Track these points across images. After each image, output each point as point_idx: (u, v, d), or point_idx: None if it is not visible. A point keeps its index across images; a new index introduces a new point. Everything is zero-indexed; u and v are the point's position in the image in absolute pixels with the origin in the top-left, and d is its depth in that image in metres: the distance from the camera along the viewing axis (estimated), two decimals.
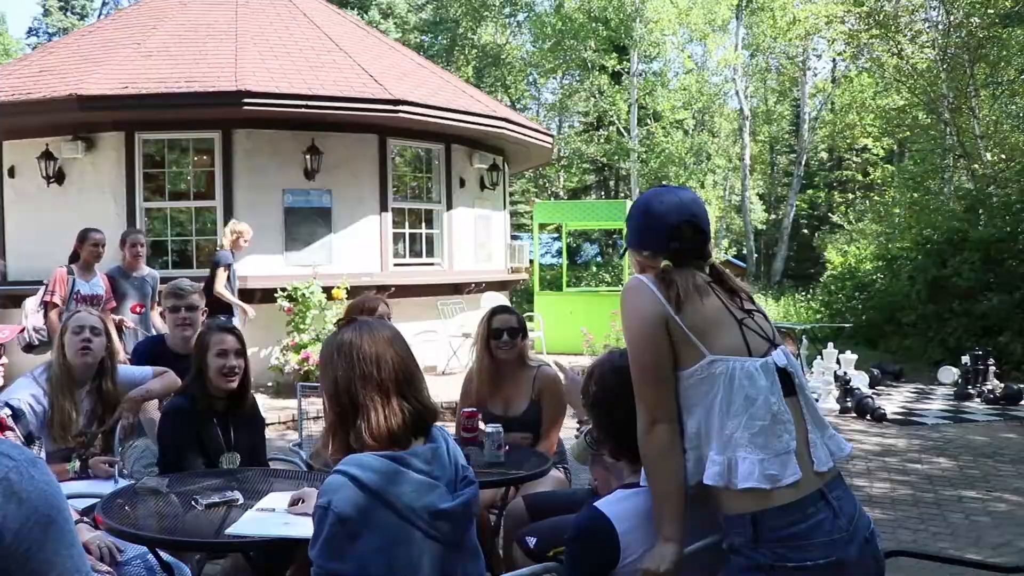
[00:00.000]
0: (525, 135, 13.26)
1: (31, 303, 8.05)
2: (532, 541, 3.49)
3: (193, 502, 3.10)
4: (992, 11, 15.25)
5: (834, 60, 30.67)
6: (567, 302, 13.48)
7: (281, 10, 13.17)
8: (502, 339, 4.53)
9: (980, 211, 14.88)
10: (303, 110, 10.59)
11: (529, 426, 4.48)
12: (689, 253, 2.54)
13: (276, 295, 10.41)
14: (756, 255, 33.36)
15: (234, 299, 9.05)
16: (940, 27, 16.91)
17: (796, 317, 20.08)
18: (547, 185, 37.40)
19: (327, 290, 10.50)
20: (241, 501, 3.10)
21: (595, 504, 2.53)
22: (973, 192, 16.18)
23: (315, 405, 8.81)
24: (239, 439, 3.97)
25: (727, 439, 2.33)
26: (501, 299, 13.25)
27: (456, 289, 12.51)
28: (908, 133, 21.02)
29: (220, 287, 8.90)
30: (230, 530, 2.80)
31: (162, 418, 3.98)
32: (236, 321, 9.23)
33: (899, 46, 17.08)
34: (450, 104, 11.89)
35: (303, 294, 10.38)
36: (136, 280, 8.34)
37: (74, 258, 8.03)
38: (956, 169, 19.82)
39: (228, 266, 9.01)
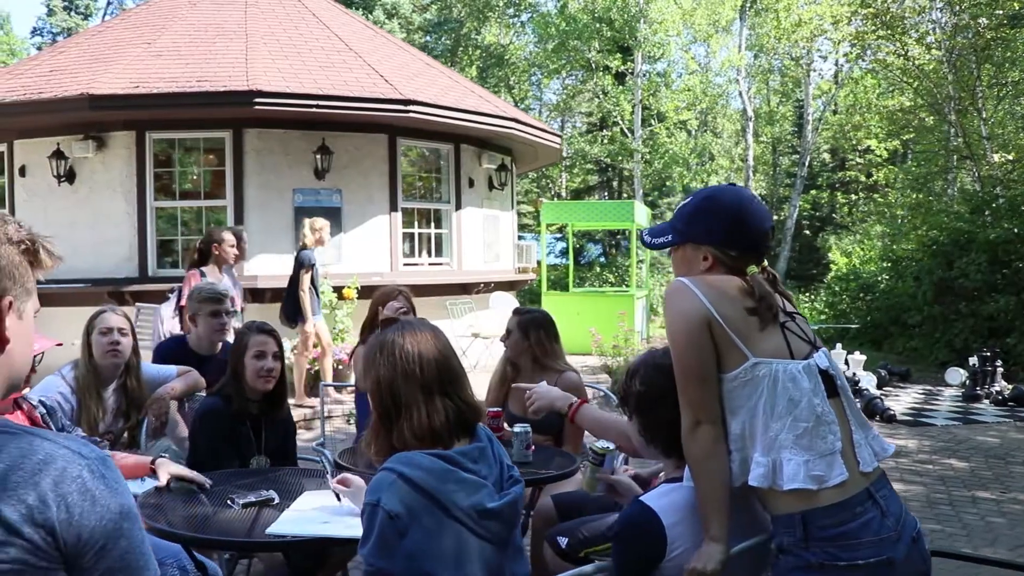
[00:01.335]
0: (534, 135, 13.28)
1: (166, 309, 7.62)
2: (563, 541, 3.50)
3: (229, 501, 3.11)
4: (1000, 11, 15.25)
5: (837, 61, 30.71)
6: (574, 302, 13.51)
7: (290, 10, 13.19)
8: (502, 337, 4.61)
9: (986, 212, 14.88)
10: (314, 110, 10.61)
11: (548, 430, 4.49)
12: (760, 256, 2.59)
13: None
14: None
15: (307, 306, 8.98)
16: (947, 28, 16.91)
17: None
18: (549, 185, 37.39)
19: (337, 289, 10.50)
20: (277, 500, 3.11)
21: (641, 499, 2.55)
22: (979, 193, 16.18)
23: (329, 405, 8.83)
24: (270, 442, 3.98)
25: (771, 441, 2.35)
26: (509, 299, 13.27)
27: (465, 289, 12.54)
28: (913, 134, 21.02)
29: (304, 289, 8.91)
30: (270, 529, 2.82)
31: (196, 418, 3.99)
32: (318, 319, 9.23)
33: (905, 47, 17.08)
34: (459, 104, 11.91)
35: None
36: (234, 277, 8.16)
37: (202, 259, 7.69)
38: (959, 170, 19.84)
39: (312, 266, 8.96)
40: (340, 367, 9.86)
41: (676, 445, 2.56)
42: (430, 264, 12.53)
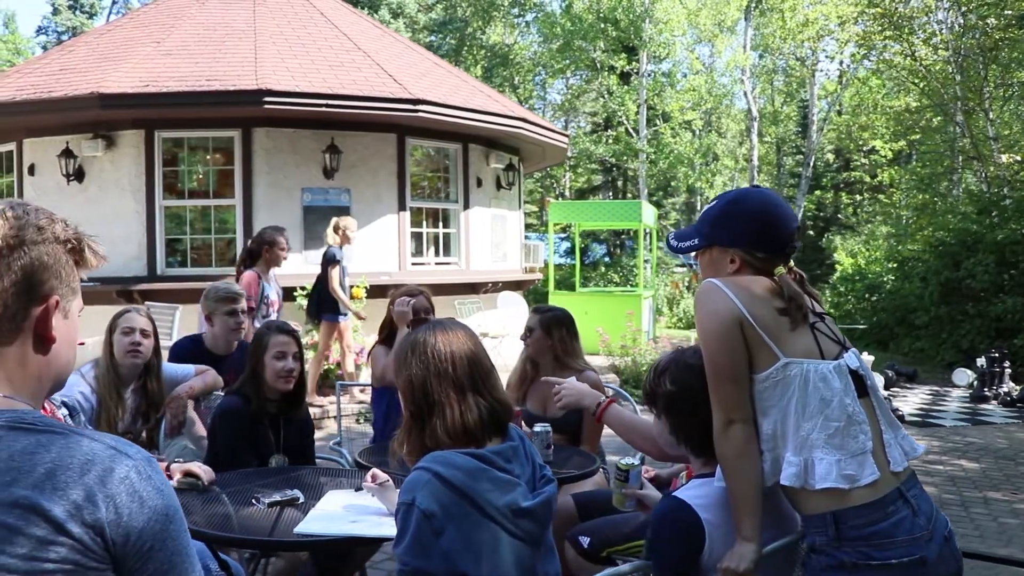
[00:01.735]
0: (542, 135, 13.30)
1: None
2: (585, 541, 3.51)
3: (254, 500, 3.12)
4: (1009, 12, 15.24)
5: (841, 62, 30.67)
6: (581, 302, 13.48)
7: (299, 9, 13.20)
8: (522, 335, 4.61)
9: (993, 213, 14.88)
10: (323, 109, 10.63)
11: (565, 429, 4.48)
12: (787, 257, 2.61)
13: (295, 294, 10.42)
14: None
15: (345, 298, 9.00)
16: (954, 29, 16.90)
17: None
18: (553, 185, 37.40)
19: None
20: (302, 500, 3.12)
21: (674, 494, 2.56)
22: (986, 194, 16.18)
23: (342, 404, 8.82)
24: (288, 441, 3.98)
25: (803, 440, 2.36)
26: (517, 299, 13.28)
27: (473, 288, 12.55)
28: (919, 135, 21.02)
29: (335, 285, 8.88)
30: (298, 528, 2.82)
31: (215, 417, 3.99)
32: (343, 320, 9.22)
33: (912, 47, 17.08)
34: (468, 104, 11.92)
35: None
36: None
37: (253, 259, 7.54)
38: (965, 171, 19.83)
39: (337, 262, 8.94)
40: (355, 366, 9.87)
41: (705, 444, 2.57)
42: (438, 264, 12.54)
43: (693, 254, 2.74)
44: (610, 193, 37.54)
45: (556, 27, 29.54)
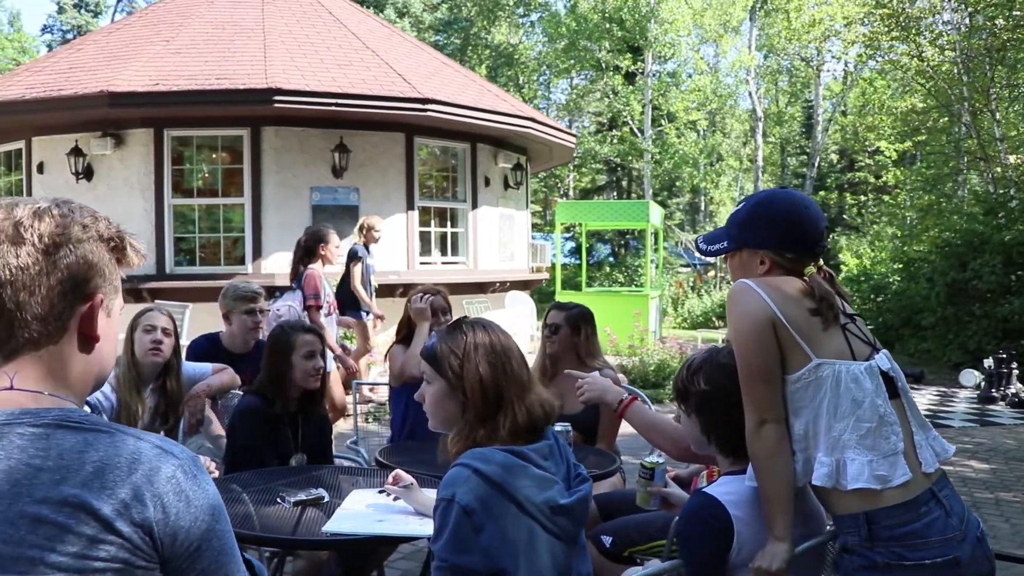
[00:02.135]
0: (550, 135, 13.31)
1: (300, 309, 7.20)
2: (608, 540, 3.51)
3: (279, 499, 3.12)
4: (1018, 12, 15.23)
5: (846, 62, 30.67)
6: (588, 302, 13.42)
7: (307, 8, 13.21)
8: (546, 333, 4.60)
9: (1000, 214, 14.87)
10: (333, 108, 10.63)
11: (582, 427, 4.48)
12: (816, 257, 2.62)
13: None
14: None
15: (366, 296, 8.97)
16: (962, 29, 16.89)
17: None
18: (558, 185, 37.41)
19: None
20: (327, 499, 3.12)
21: (704, 490, 2.56)
22: (993, 195, 16.17)
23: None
24: (307, 440, 3.99)
25: (835, 441, 2.37)
26: (524, 298, 13.28)
27: (481, 288, 12.55)
28: (925, 135, 21.01)
29: (357, 283, 8.87)
30: (326, 528, 2.82)
31: (235, 416, 3.99)
32: (367, 318, 9.17)
33: (919, 48, 17.06)
34: (477, 103, 11.93)
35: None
36: None
37: (309, 257, 7.35)
38: (970, 172, 19.82)
39: (359, 259, 8.92)
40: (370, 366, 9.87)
41: (735, 444, 2.58)
42: (446, 263, 12.55)
43: (722, 256, 2.76)
44: (614, 193, 37.55)
45: (561, 27, 29.55)
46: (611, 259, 32.66)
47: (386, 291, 10.85)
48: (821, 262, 2.66)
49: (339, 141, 11.07)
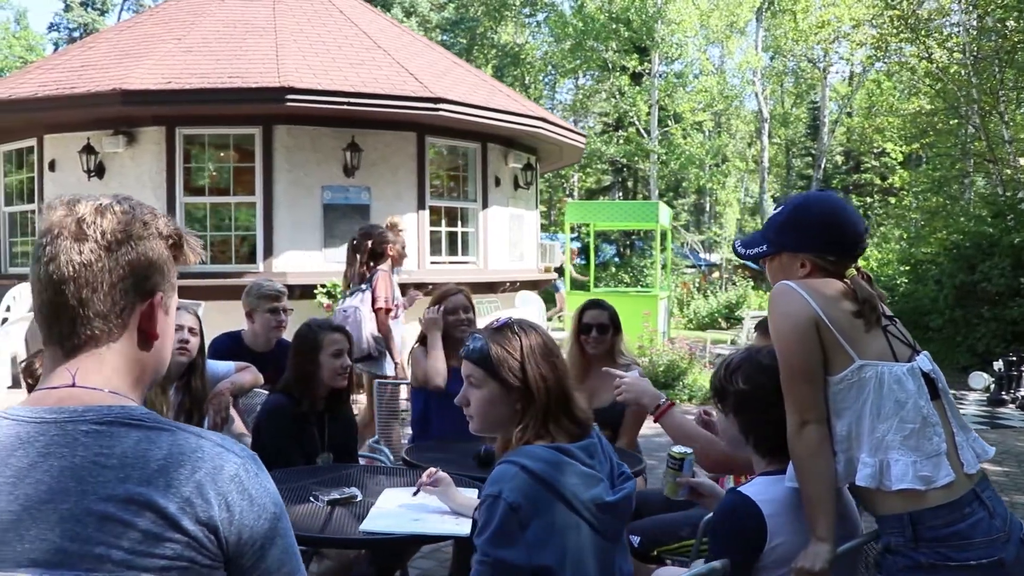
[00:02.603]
0: (561, 135, 13.31)
1: (367, 310, 6.98)
2: (636, 540, 3.52)
3: (312, 498, 3.13)
4: None
5: (852, 63, 30.65)
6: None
7: (318, 6, 13.22)
8: (591, 334, 4.57)
9: (1009, 216, 14.87)
10: (345, 107, 10.63)
11: (609, 422, 4.48)
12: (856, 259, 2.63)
13: (315, 291, 10.44)
14: None
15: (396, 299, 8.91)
16: (971, 31, 16.88)
17: None
18: (563, 185, 37.41)
19: None
20: (360, 498, 3.13)
21: (739, 490, 2.57)
22: (1001, 197, 16.16)
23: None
24: (334, 439, 4.00)
25: (878, 442, 2.38)
26: (534, 298, 13.29)
27: (491, 288, 12.55)
28: (932, 137, 21.00)
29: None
30: (363, 527, 2.83)
31: (262, 415, 3.99)
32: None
33: (928, 50, 17.06)
34: (487, 103, 11.93)
35: (342, 291, 10.40)
36: None
37: (378, 259, 7.12)
38: (976, 174, 19.81)
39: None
40: None
41: (773, 445, 2.59)
42: (457, 263, 12.55)
43: (760, 260, 2.76)
44: (620, 194, 37.53)
45: (568, 27, 29.53)
46: (616, 259, 32.64)
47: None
48: (860, 263, 2.68)
49: (351, 140, 11.07)
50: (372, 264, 7.01)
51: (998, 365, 11.42)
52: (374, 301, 6.82)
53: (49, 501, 1.31)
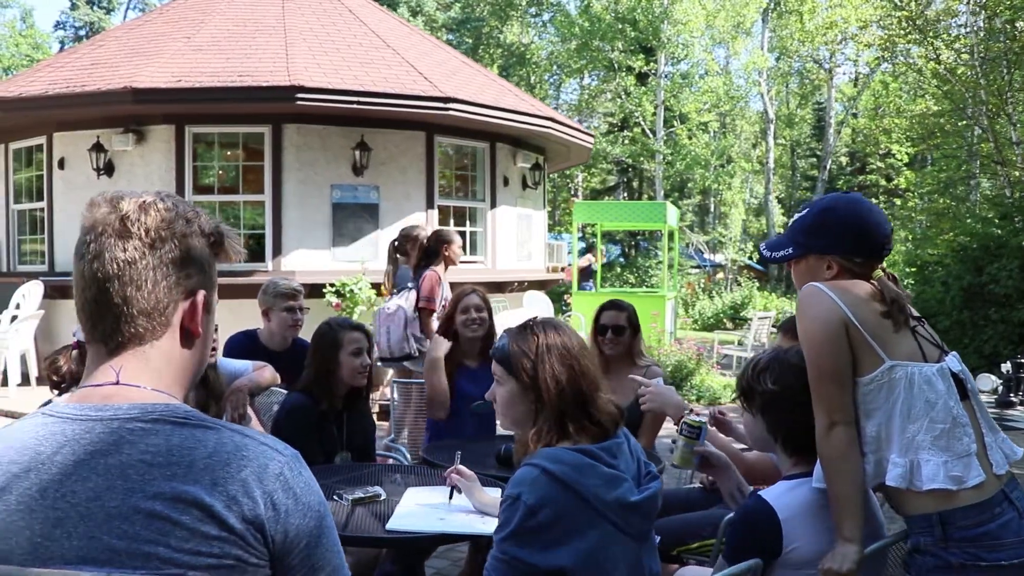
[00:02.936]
0: (570, 135, 13.32)
1: (411, 309, 7.02)
2: (656, 539, 3.51)
3: (336, 497, 3.13)
4: None
5: (858, 64, 30.63)
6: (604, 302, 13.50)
7: (327, 6, 13.22)
8: (607, 335, 4.57)
9: (1016, 218, 14.84)
10: (355, 106, 10.62)
11: (627, 424, 4.46)
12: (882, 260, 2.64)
13: (324, 290, 10.43)
14: None
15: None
16: (979, 32, 16.85)
17: None
18: (568, 184, 37.40)
19: (376, 286, 10.51)
20: (384, 497, 3.13)
21: (760, 494, 2.57)
22: (1009, 199, 16.13)
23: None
24: (352, 438, 4.00)
25: (908, 442, 2.39)
26: (542, 298, 13.29)
27: (499, 287, 12.54)
28: (939, 139, 20.98)
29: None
30: (390, 525, 2.83)
31: (282, 414, 4.00)
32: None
33: (936, 51, 17.03)
34: (497, 103, 11.92)
35: (351, 290, 10.40)
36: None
37: (429, 258, 7.14)
38: (982, 176, 19.77)
39: None
40: None
41: (800, 445, 2.60)
42: (465, 262, 12.54)
43: (786, 263, 2.77)
44: (624, 194, 37.53)
45: (574, 27, 29.52)
46: (621, 260, 32.62)
47: None
48: (884, 264, 2.68)
49: (360, 139, 11.07)
50: (426, 263, 7.02)
51: (1006, 367, 11.39)
52: (418, 300, 6.84)
53: (96, 499, 1.31)
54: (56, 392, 3.06)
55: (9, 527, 1.32)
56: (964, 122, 18.67)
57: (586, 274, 16.86)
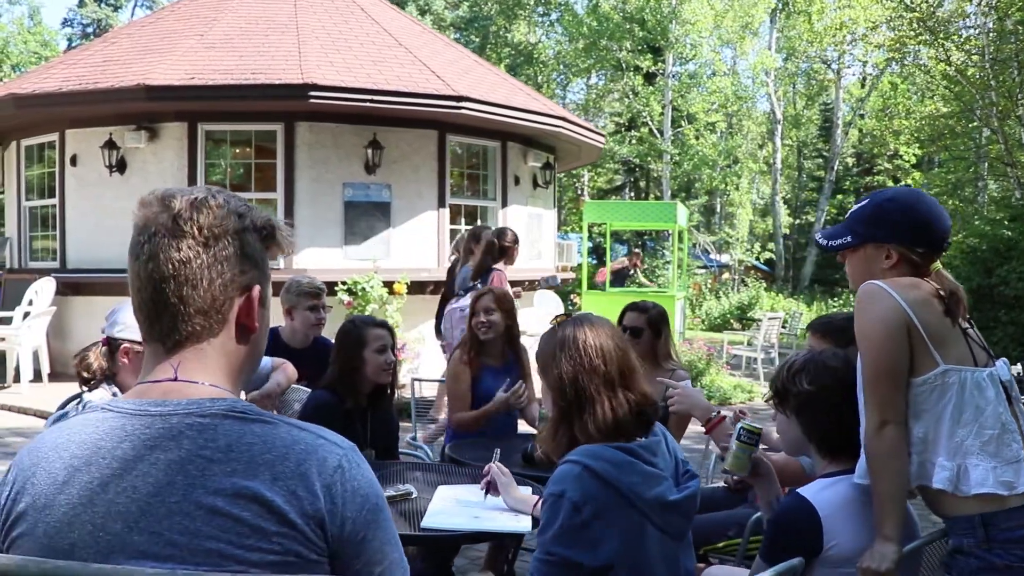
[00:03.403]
0: (582, 135, 13.31)
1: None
2: (691, 538, 3.51)
3: None
4: None
5: (866, 65, 30.58)
6: (614, 302, 13.48)
7: (339, 4, 13.23)
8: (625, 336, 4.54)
9: None
10: (368, 104, 10.62)
11: None
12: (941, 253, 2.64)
13: (336, 288, 10.44)
14: (784, 260, 33.37)
15: None
16: (990, 34, 16.82)
17: None
18: (574, 184, 37.37)
19: (388, 284, 10.52)
20: (415, 495, 3.14)
21: (798, 491, 2.56)
22: (1019, 201, 16.10)
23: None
24: (376, 435, 4.00)
25: (957, 446, 2.40)
26: (552, 297, 13.28)
27: (509, 286, 12.54)
28: (949, 140, 20.94)
29: None
30: (425, 523, 2.84)
31: (308, 412, 3.99)
32: None
33: (947, 52, 17.00)
34: (509, 101, 11.92)
35: (363, 288, 10.41)
36: None
37: (500, 256, 7.17)
38: (991, 177, 19.75)
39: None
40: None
41: (835, 445, 2.59)
42: None
43: (840, 252, 2.74)
44: (631, 194, 37.51)
45: (582, 26, 29.49)
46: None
47: (417, 288, 10.87)
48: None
49: (372, 137, 11.08)
50: (492, 262, 7.04)
51: (1017, 369, 11.35)
52: None
53: (157, 494, 1.31)
54: (86, 388, 3.06)
55: (72, 520, 1.32)
56: (973, 124, 18.65)
57: (621, 276, 16.85)
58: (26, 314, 10.35)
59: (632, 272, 17.41)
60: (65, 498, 1.33)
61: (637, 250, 20.07)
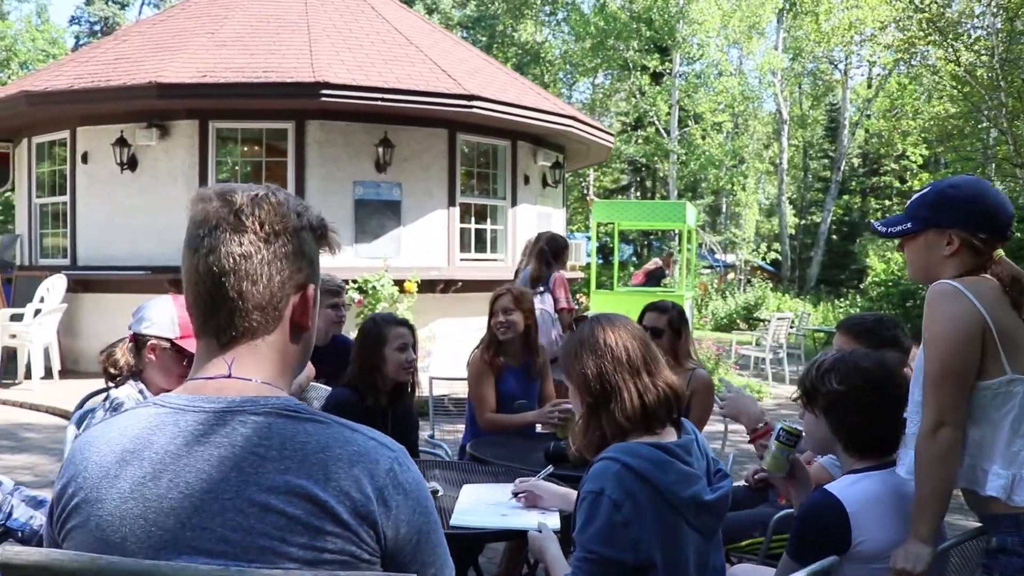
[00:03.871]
0: (592, 135, 13.31)
1: (551, 312, 6.91)
2: (720, 536, 3.51)
3: None
4: None
5: (873, 65, 30.53)
6: (622, 302, 13.48)
7: (350, 2, 13.24)
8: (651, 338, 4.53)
9: None
10: (379, 103, 10.63)
11: None
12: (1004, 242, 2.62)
13: (347, 286, 10.42)
14: (790, 260, 33.35)
15: None
16: (1000, 34, 16.80)
17: None
18: (580, 183, 37.38)
19: (399, 283, 10.51)
20: (441, 492, 3.14)
21: (825, 487, 2.56)
22: None
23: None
24: (396, 434, 3.97)
25: (1014, 456, 2.40)
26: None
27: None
28: (957, 141, 20.92)
29: None
30: (453, 521, 2.84)
31: (330, 409, 3.98)
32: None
33: (956, 53, 16.98)
34: (519, 101, 11.93)
35: (373, 286, 10.40)
36: None
37: (556, 261, 7.16)
38: (997, 178, 19.68)
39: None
40: None
41: (865, 445, 2.58)
42: (486, 260, 12.55)
43: (900, 239, 2.72)
44: (637, 193, 37.51)
45: (589, 26, 29.47)
46: (634, 259, 32.59)
47: (427, 287, 10.87)
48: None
49: (383, 136, 11.09)
50: (552, 266, 7.05)
51: None
52: (556, 302, 6.86)
53: (211, 490, 1.31)
54: (112, 384, 3.06)
55: (124, 515, 1.32)
56: (982, 124, 18.62)
57: (655, 276, 16.81)
58: (37, 311, 10.36)
59: (667, 273, 17.37)
60: (116, 492, 1.33)
61: (670, 251, 19.99)
